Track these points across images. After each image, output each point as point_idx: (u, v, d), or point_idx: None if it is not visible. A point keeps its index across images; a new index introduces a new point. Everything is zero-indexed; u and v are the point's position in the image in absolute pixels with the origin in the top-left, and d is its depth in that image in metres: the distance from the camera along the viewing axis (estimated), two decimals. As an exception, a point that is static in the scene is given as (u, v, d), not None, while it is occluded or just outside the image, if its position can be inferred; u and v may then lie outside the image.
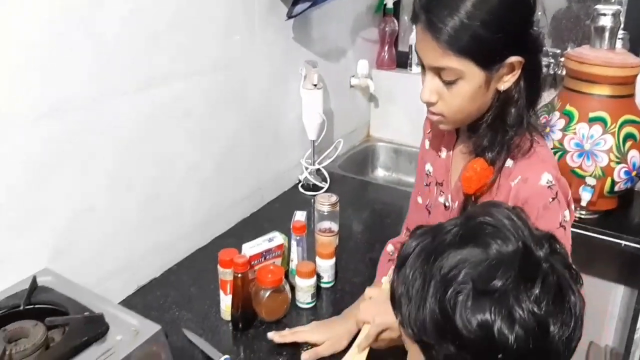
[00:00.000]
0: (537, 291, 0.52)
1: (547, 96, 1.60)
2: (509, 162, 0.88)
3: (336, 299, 1.21)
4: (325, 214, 1.25)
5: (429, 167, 1.06)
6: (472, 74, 0.81)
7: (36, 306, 0.89)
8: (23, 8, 0.88)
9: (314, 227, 1.29)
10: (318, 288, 1.20)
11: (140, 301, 1.18)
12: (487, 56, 0.80)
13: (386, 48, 2.07)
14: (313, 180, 1.70)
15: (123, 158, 1.12)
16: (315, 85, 1.59)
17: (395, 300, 0.61)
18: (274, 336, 1.05)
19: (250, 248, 1.13)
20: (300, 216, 1.25)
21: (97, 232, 1.10)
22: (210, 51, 1.31)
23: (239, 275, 1.06)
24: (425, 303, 0.55)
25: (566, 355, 0.54)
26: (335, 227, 1.27)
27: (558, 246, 0.57)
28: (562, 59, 1.64)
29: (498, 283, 0.52)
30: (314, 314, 1.16)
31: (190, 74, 1.26)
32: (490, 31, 0.77)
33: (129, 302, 1.16)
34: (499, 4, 0.78)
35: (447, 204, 1.01)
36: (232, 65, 1.39)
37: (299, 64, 1.63)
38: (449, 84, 0.83)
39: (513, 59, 0.81)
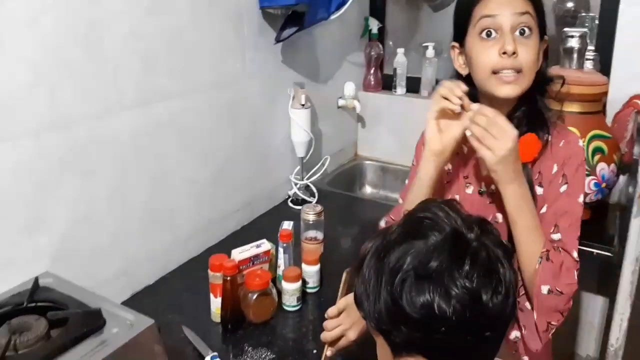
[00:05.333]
0: (467, 267, 0.59)
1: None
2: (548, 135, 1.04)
3: (320, 302, 1.27)
4: (311, 222, 1.33)
5: (447, 166, 1.12)
6: (535, 32, 0.98)
7: (38, 304, 0.96)
8: (32, 32, 0.98)
9: (301, 237, 1.36)
10: (304, 293, 1.28)
11: (135, 305, 1.22)
12: (542, 22, 1.00)
13: (372, 71, 2.19)
14: (302, 195, 1.78)
15: (121, 171, 1.21)
16: (303, 105, 1.69)
17: (357, 299, 0.68)
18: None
19: (239, 253, 1.20)
20: (287, 225, 1.33)
21: (95, 240, 1.17)
22: (204, 72, 1.41)
23: (228, 278, 1.14)
24: (380, 295, 0.62)
25: (503, 319, 0.62)
26: (320, 235, 1.34)
27: (489, 227, 0.65)
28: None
29: (433, 265, 0.60)
30: (300, 316, 1.23)
31: (186, 93, 1.36)
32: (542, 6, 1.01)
33: (125, 306, 1.22)
34: None
35: (481, 190, 1.09)
36: (224, 85, 1.49)
37: (288, 85, 1.74)
38: (525, 36, 0.97)
39: (545, 38, 1.01)
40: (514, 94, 1.00)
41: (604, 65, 1.82)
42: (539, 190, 1.03)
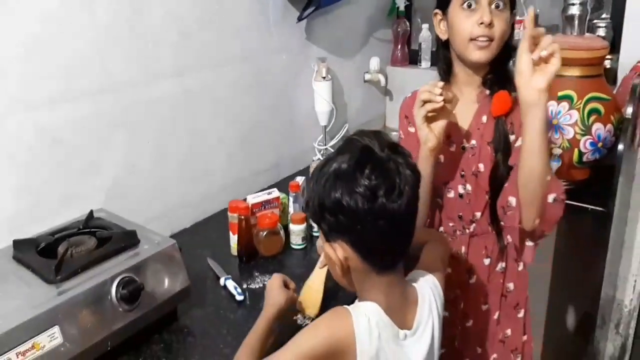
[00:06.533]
0: (367, 171, 0.80)
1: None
2: None
3: (324, 243, 1.49)
4: (318, 176, 1.54)
5: None
6: (507, 6, 1.15)
7: (92, 229, 1.24)
8: (86, 16, 1.26)
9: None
10: (310, 237, 1.50)
11: (172, 242, 1.51)
12: None
13: (399, 47, 2.34)
14: (326, 159, 1.99)
15: (161, 129, 1.48)
16: (324, 77, 1.89)
17: (305, 204, 0.90)
18: None
19: (253, 198, 1.44)
20: (298, 179, 1.55)
21: (140, 184, 1.45)
22: (232, 47, 1.65)
23: (242, 217, 1.38)
24: (315, 195, 0.85)
25: (398, 216, 0.81)
26: (327, 187, 1.55)
27: (401, 150, 0.85)
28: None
29: (343, 167, 0.82)
30: (304, 254, 1.45)
31: (216, 65, 1.61)
32: None
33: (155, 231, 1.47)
34: None
35: (463, 146, 1.24)
36: (251, 60, 1.73)
37: (314, 60, 1.94)
38: (500, 9, 1.13)
39: (514, 12, 1.17)
40: (486, 59, 1.17)
41: (617, 32, 1.87)
42: (511, 137, 1.19)
